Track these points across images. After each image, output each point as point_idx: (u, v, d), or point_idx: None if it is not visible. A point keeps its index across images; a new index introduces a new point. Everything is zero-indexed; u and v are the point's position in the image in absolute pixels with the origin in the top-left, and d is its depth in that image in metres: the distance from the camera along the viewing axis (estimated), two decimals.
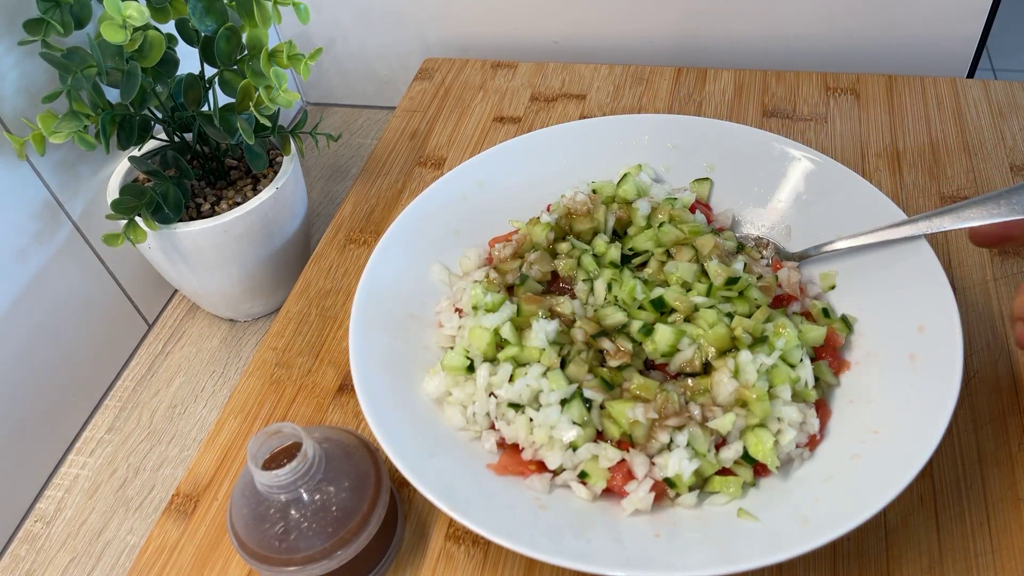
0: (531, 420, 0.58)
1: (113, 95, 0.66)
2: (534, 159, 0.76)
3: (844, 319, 0.64)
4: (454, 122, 0.92)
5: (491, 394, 0.61)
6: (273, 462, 0.52)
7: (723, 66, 0.94)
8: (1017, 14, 1.77)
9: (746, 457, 0.57)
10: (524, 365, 0.61)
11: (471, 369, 0.61)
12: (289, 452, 0.52)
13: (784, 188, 0.72)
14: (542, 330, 0.60)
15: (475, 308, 0.64)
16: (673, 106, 0.90)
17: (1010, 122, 0.84)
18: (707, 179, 0.74)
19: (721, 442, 0.57)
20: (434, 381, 0.62)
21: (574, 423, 0.57)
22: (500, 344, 0.62)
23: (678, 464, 0.55)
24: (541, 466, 0.58)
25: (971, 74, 0.94)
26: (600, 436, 0.58)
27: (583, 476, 0.57)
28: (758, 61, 0.96)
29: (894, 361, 0.60)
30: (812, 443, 0.58)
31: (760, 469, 0.57)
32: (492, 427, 0.60)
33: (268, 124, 0.70)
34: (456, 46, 1.04)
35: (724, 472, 0.57)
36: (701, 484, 0.57)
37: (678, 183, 0.75)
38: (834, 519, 0.50)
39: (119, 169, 0.77)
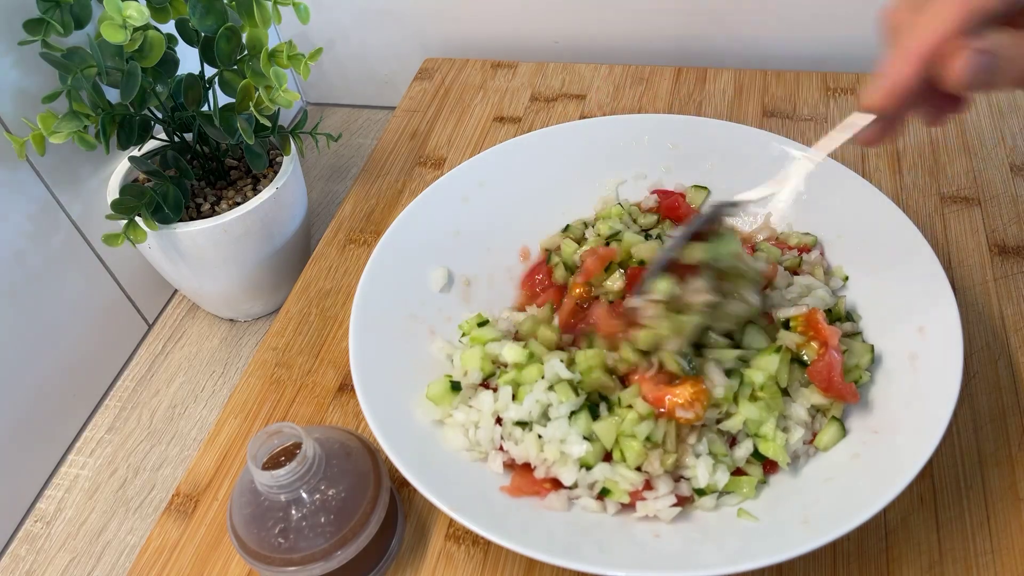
0: (540, 437, 0.58)
1: (113, 95, 0.66)
2: (534, 159, 0.76)
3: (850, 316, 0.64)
4: (454, 122, 0.92)
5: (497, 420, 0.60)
6: (273, 462, 0.52)
7: (723, 66, 0.94)
8: None
9: (755, 455, 0.57)
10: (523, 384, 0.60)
11: (455, 388, 0.61)
12: (289, 452, 0.52)
13: (784, 188, 0.72)
14: (553, 369, 0.59)
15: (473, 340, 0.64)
16: (673, 106, 0.90)
17: (1010, 122, 0.84)
18: (705, 188, 0.74)
19: (731, 441, 0.57)
20: (421, 409, 0.61)
21: (584, 438, 0.57)
22: (494, 361, 0.62)
23: (708, 474, 0.55)
24: (556, 483, 0.57)
25: None
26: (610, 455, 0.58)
27: (604, 493, 0.56)
28: (758, 61, 0.96)
29: (894, 361, 0.60)
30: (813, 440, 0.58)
31: (768, 466, 0.57)
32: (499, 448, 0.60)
33: (268, 124, 0.70)
34: (456, 46, 1.04)
35: (736, 472, 0.57)
36: None
37: (677, 184, 0.75)
38: (834, 519, 0.50)
39: (119, 169, 0.77)
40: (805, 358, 0.58)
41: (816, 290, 0.64)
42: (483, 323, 0.66)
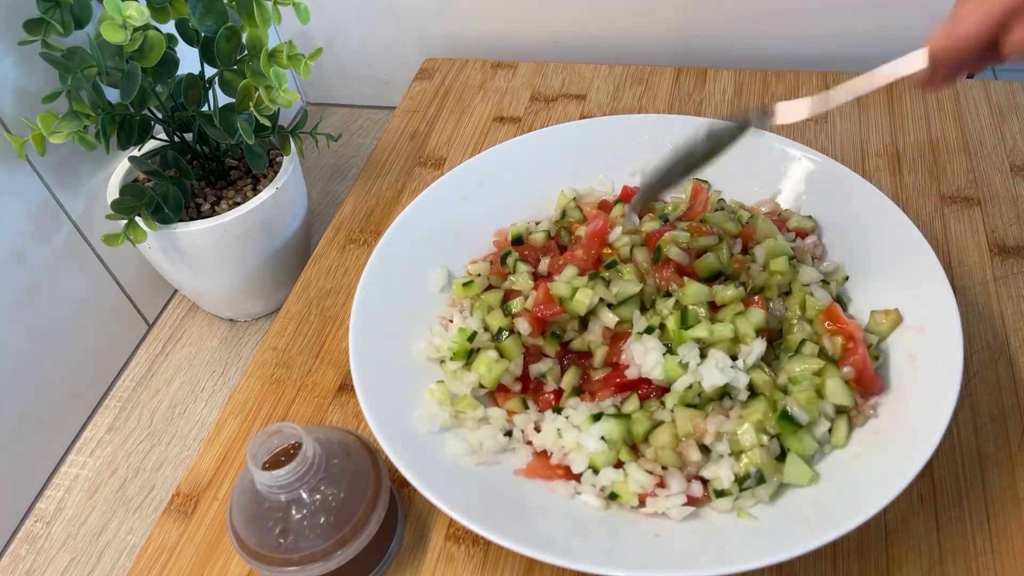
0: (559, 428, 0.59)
1: (113, 95, 0.66)
2: (534, 159, 0.76)
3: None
4: (454, 122, 0.92)
5: (507, 433, 0.60)
6: (273, 462, 0.52)
7: (723, 66, 0.94)
8: None
9: (780, 457, 0.56)
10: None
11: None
12: (289, 452, 0.52)
13: (784, 188, 0.72)
14: (598, 433, 0.58)
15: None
16: (673, 106, 0.90)
17: (1010, 122, 0.84)
18: (705, 181, 0.74)
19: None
20: (421, 410, 0.61)
21: (601, 438, 0.57)
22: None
23: (730, 475, 0.55)
24: (568, 472, 0.58)
25: (971, 74, 0.94)
26: (634, 448, 0.58)
27: (613, 497, 0.56)
28: (758, 61, 0.96)
29: (894, 361, 0.60)
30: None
31: None
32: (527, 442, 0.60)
33: (268, 124, 0.70)
34: (456, 46, 1.04)
35: None
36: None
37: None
38: (834, 519, 0.50)
39: (119, 169, 0.77)
40: (829, 350, 0.59)
41: (804, 266, 0.65)
42: (472, 336, 0.64)
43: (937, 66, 0.48)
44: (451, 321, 0.66)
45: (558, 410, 0.60)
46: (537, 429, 0.60)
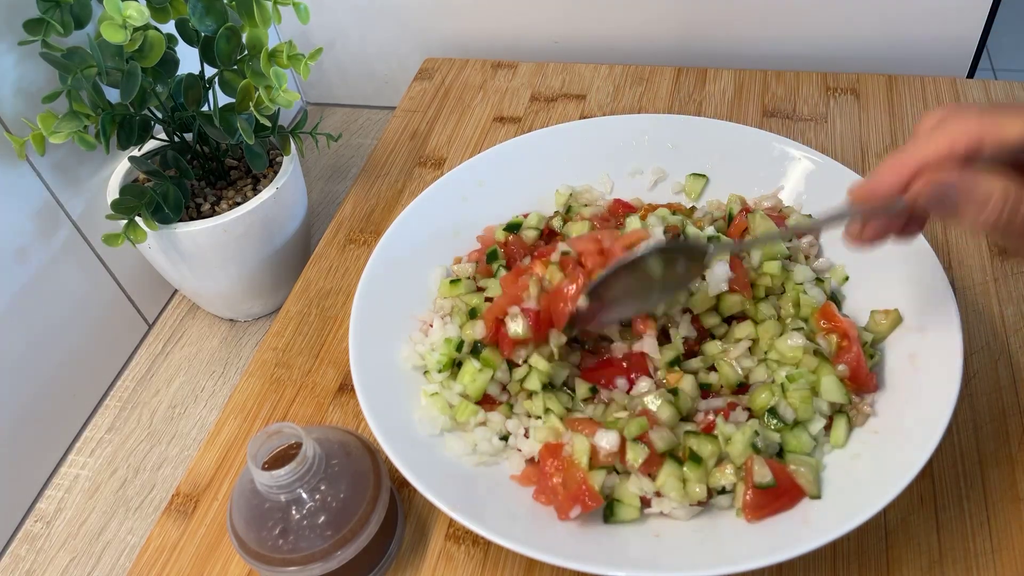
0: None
1: (113, 95, 0.66)
2: (534, 159, 0.76)
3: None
4: (454, 122, 0.92)
5: (503, 438, 0.60)
6: (273, 462, 0.52)
7: (723, 66, 0.94)
8: (1017, 14, 1.77)
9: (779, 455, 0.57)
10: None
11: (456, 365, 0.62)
12: (289, 452, 0.52)
13: (784, 188, 0.72)
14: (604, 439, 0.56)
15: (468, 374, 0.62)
16: (673, 106, 0.90)
17: None
18: (703, 176, 0.74)
19: None
20: (421, 413, 0.60)
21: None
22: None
23: (734, 473, 0.55)
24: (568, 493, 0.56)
25: (971, 74, 0.94)
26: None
27: (610, 511, 0.55)
28: (758, 61, 0.96)
29: (894, 361, 0.60)
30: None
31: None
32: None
33: (268, 124, 0.70)
34: (456, 46, 1.04)
35: None
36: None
37: (676, 183, 0.75)
38: (834, 519, 0.50)
39: (119, 169, 0.77)
40: (824, 348, 0.60)
41: (798, 265, 0.65)
42: (459, 345, 0.63)
43: (859, 217, 0.50)
44: (431, 326, 0.66)
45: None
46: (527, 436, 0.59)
